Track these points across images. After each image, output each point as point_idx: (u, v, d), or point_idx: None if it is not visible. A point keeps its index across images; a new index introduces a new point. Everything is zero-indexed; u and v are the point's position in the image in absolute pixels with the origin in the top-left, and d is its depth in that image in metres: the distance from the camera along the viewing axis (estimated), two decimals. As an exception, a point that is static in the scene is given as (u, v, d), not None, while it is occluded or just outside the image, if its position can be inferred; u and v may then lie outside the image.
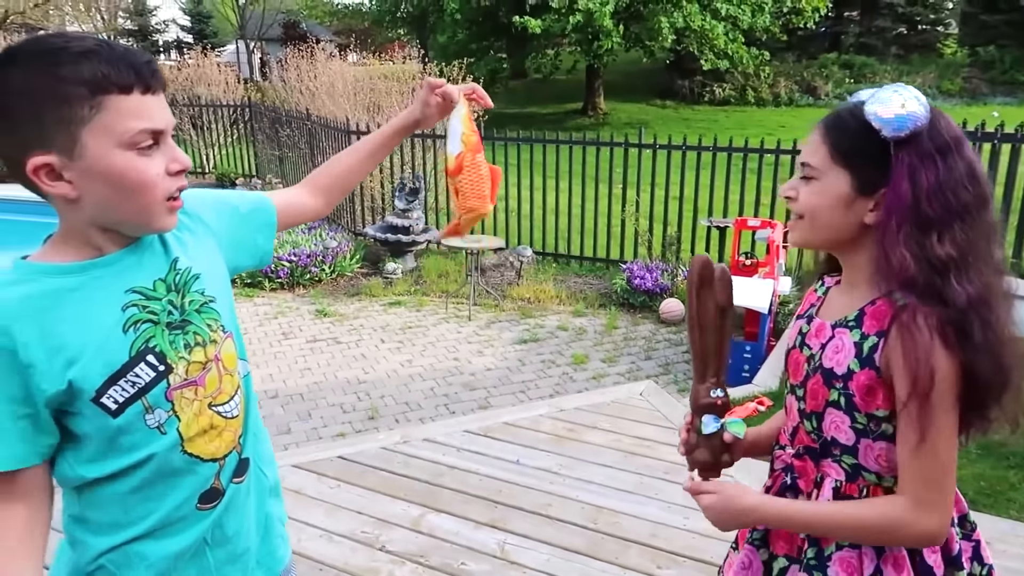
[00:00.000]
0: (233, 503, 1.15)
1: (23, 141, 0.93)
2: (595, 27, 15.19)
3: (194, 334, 1.08)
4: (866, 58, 22.48)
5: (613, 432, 3.44)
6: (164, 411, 1.04)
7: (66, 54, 0.92)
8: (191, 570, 1.12)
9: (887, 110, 1.07)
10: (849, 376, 1.13)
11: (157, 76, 0.98)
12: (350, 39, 21.83)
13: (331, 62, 10.36)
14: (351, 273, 6.93)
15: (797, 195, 1.18)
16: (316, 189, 1.39)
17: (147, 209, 0.99)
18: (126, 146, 0.95)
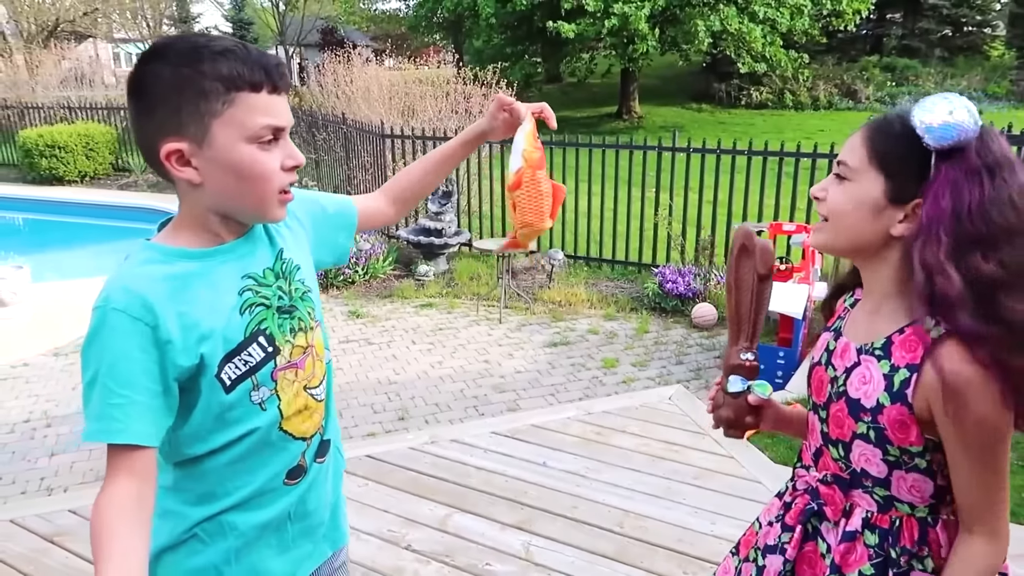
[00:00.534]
0: (316, 481, 1.24)
1: (160, 127, 1.03)
2: (631, 31, 15.11)
3: (298, 319, 1.19)
4: (909, 60, 22.03)
5: (641, 436, 3.42)
6: (268, 389, 1.13)
7: (207, 52, 1.01)
8: (272, 539, 1.20)
9: (933, 117, 1.02)
10: (879, 410, 1.08)
11: (284, 78, 1.07)
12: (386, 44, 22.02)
13: (367, 67, 10.49)
14: (384, 275, 6.99)
15: (826, 195, 1.14)
16: (391, 196, 1.47)
17: (262, 199, 1.08)
18: (250, 139, 1.04)
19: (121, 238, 10.19)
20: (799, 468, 1.27)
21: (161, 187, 12.07)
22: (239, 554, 1.17)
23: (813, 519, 1.21)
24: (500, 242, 6.50)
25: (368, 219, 1.44)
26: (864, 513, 1.14)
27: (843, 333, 1.20)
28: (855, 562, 1.14)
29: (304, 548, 1.27)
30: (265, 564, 1.20)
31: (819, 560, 1.19)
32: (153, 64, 1.03)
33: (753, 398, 1.26)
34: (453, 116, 8.86)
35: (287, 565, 1.24)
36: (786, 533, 1.23)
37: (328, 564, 1.34)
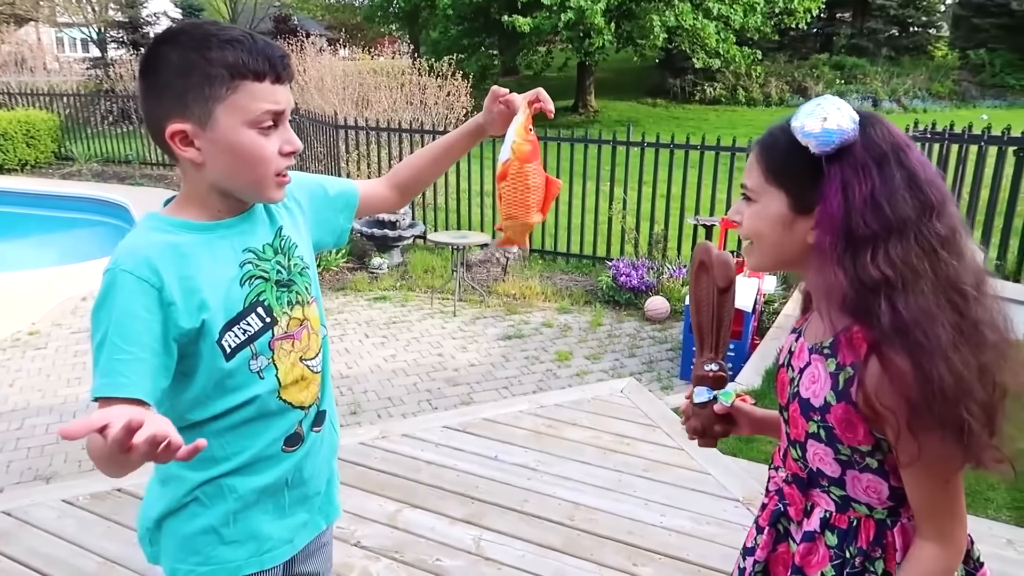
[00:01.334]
0: (312, 450, 1.30)
1: (167, 108, 1.09)
2: (587, 25, 15.16)
3: (296, 293, 1.25)
4: (857, 59, 22.55)
5: (593, 429, 3.43)
6: (266, 358, 1.19)
7: (216, 40, 1.07)
8: (269, 504, 1.26)
9: (810, 125, 1.02)
10: (826, 409, 1.07)
11: (288, 69, 1.13)
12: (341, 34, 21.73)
13: (321, 56, 10.32)
14: (337, 267, 6.89)
15: (742, 219, 1.14)
16: (394, 183, 1.50)
17: (260, 180, 1.14)
18: (251, 124, 1.09)
19: (64, 229, 9.88)
20: (771, 470, 1.28)
21: (105, 177, 11.73)
22: (237, 517, 1.22)
23: (782, 520, 1.21)
24: (462, 235, 6.46)
25: (370, 203, 1.48)
26: (823, 513, 1.14)
27: (803, 334, 1.20)
28: (817, 564, 1.14)
29: (300, 516, 1.31)
30: (262, 528, 1.26)
31: (789, 558, 1.19)
32: (164, 47, 1.09)
33: (718, 407, 1.28)
34: (408, 107, 8.78)
35: (284, 531, 1.29)
36: (759, 534, 1.24)
37: (317, 540, 1.40)
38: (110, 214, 9.64)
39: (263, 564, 1.27)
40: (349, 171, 7.80)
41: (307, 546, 1.36)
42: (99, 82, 17.34)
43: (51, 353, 5.04)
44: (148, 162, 12.21)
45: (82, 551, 2.58)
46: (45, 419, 4.11)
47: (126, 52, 19.68)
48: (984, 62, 22.13)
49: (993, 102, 20.60)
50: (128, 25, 20.90)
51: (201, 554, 1.22)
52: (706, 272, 1.30)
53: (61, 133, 12.91)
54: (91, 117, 13.35)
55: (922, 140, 5.99)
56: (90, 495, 2.89)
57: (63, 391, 4.45)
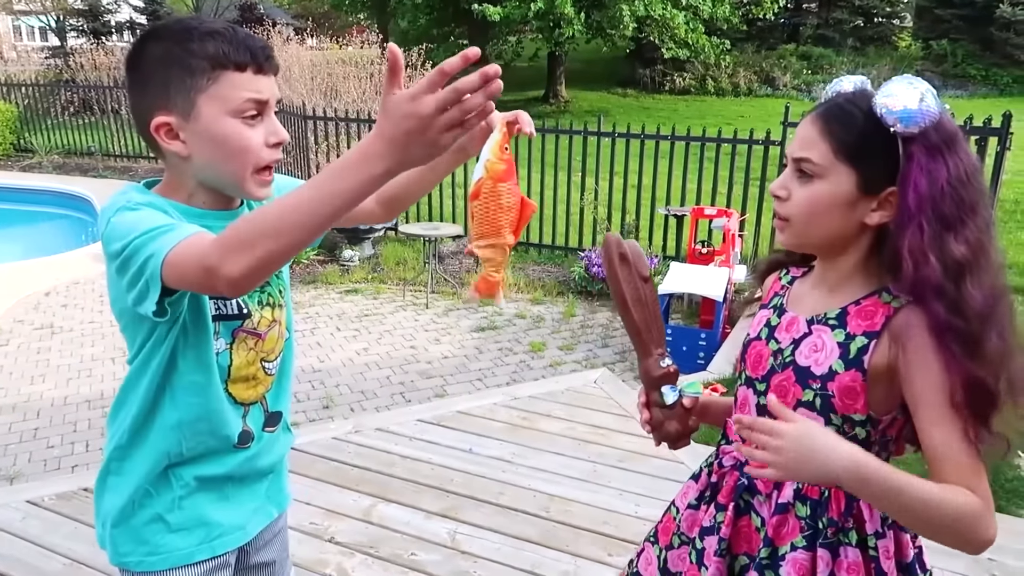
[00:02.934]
0: (263, 449, 1.31)
1: (151, 101, 1.10)
2: (556, 15, 15.14)
3: (268, 295, 1.27)
4: (824, 50, 22.80)
5: (567, 420, 3.44)
6: (225, 342, 1.20)
7: (197, 33, 1.08)
8: (213, 491, 1.26)
9: (902, 103, 1.00)
10: (830, 377, 1.08)
11: (270, 60, 1.13)
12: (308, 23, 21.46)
13: (288, 46, 10.17)
14: (307, 260, 6.81)
15: (790, 195, 1.10)
16: (381, 198, 1.46)
17: (243, 171, 1.13)
18: (234, 114, 1.09)
19: (25, 223, 9.64)
20: (723, 445, 1.27)
21: (67, 169, 11.47)
22: (182, 503, 1.23)
23: (744, 494, 1.20)
24: (434, 226, 6.42)
25: (354, 214, 1.42)
26: (795, 484, 1.14)
27: (787, 308, 1.19)
28: (787, 534, 1.14)
29: (247, 503, 1.32)
30: (210, 514, 1.26)
31: (754, 534, 1.19)
32: (148, 42, 1.11)
33: (688, 399, 1.24)
34: (377, 98, 8.69)
35: (234, 517, 1.29)
36: (720, 512, 1.22)
37: (271, 528, 1.40)
38: (73, 207, 9.43)
39: (215, 550, 1.26)
40: (319, 163, 7.71)
41: (261, 534, 1.37)
42: (59, 72, 16.92)
43: (13, 350, 4.92)
44: (111, 154, 11.95)
45: (47, 552, 2.53)
46: (8, 418, 4.01)
47: (86, 41, 19.20)
48: (946, 52, 22.50)
49: (955, 92, 20.97)
50: (88, 13, 20.40)
51: (150, 543, 1.23)
52: (628, 265, 1.24)
53: (20, 124, 12.58)
54: (51, 108, 13.04)
55: (888, 130, 6.07)
56: (56, 495, 2.83)
57: (26, 389, 4.35)
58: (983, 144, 5.63)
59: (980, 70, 22.06)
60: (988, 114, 5.92)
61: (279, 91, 1.19)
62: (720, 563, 1.21)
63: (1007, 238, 7.34)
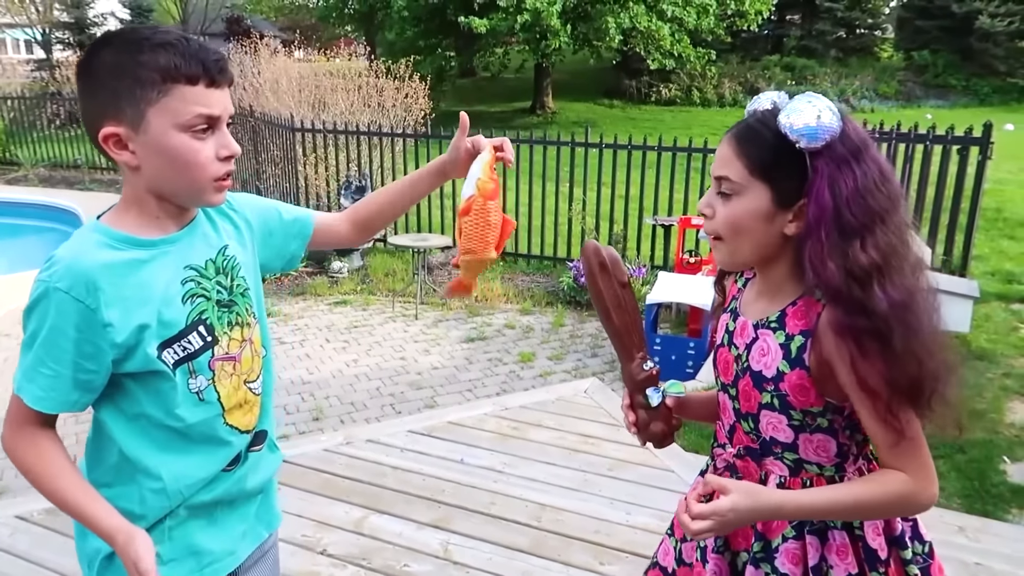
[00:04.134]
0: (251, 470, 1.30)
1: (101, 111, 1.09)
2: (543, 26, 15.22)
3: (236, 314, 1.24)
4: (807, 60, 23.05)
5: (557, 430, 3.45)
6: (205, 379, 1.19)
7: (148, 43, 1.07)
8: (203, 518, 1.25)
9: (803, 121, 1.05)
10: (780, 378, 1.14)
11: (223, 72, 1.11)
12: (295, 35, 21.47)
13: (276, 58, 10.16)
14: (296, 272, 6.81)
15: (714, 212, 1.15)
16: (352, 220, 1.48)
17: (195, 184, 1.12)
18: (183, 128, 1.08)
19: (11, 236, 9.57)
20: (716, 448, 1.32)
21: (53, 182, 11.42)
22: (172, 533, 1.22)
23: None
24: (422, 237, 6.44)
25: (324, 236, 1.45)
26: (778, 479, 1.20)
27: (740, 313, 1.25)
28: (778, 527, 1.20)
29: (237, 527, 1.31)
30: (200, 542, 1.24)
31: (748, 530, 1.23)
32: (100, 50, 1.09)
33: (671, 400, 1.29)
34: (365, 109, 8.71)
35: (224, 543, 1.28)
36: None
37: (260, 548, 1.39)
38: (59, 220, 9.37)
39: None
40: (307, 174, 7.72)
41: (250, 555, 1.35)
42: (45, 84, 16.87)
43: (0, 364, 4.89)
44: (98, 166, 11.91)
45: (37, 568, 2.51)
46: (-5, 433, 3.98)
47: (72, 54, 19.16)
48: (927, 63, 22.81)
49: (936, 102, 21.25)
50: (74, 26, 20.36)
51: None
52: (607, 272, 1.27)
53: (6, 137, 12.54)
54: (37, 120, 12.99)
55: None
56: (44, 510, 2.81)
57: (13, 404, 4.32)
58: (965, 153, 5.71)
59: (961, 80, 22.37)
60: (969, 124, 6.02)
61: (267, 104, 1.21)
62: (719, 559, 1.27)
63: (989, 246, 7.43)
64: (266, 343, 1.33)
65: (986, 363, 4.56)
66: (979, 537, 2.70)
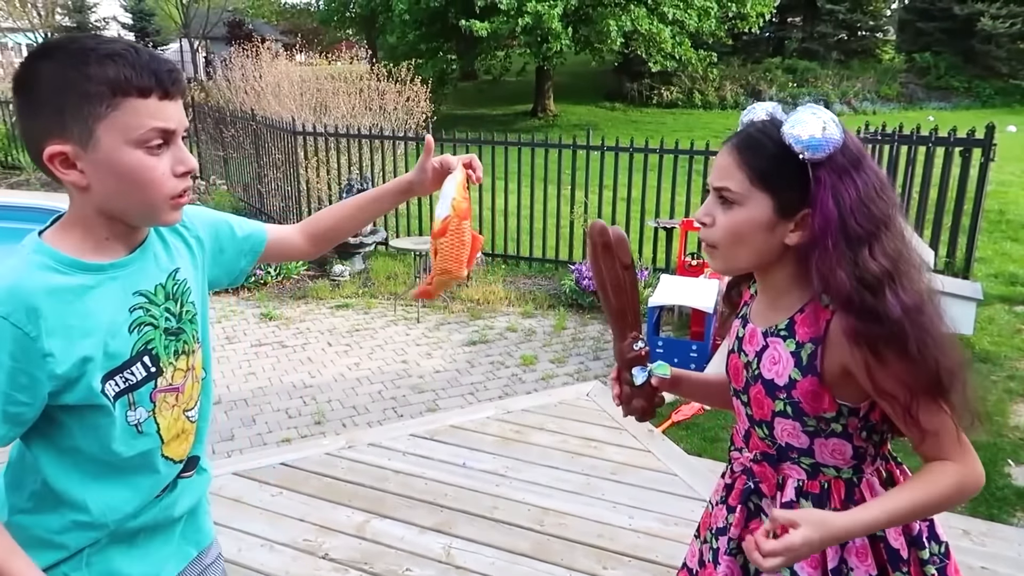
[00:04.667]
0: (180, 496, 1.24)
1: (44, 128, 1.00)
2: (544, 29, 15.23)
3: (183, 342, 1.18)
4: (808, 62, 23.04)
5: (560, 433, 3.44)
6: (145, 411, 1.12)
7: (95, 55, 0.99)
8: (123, 542, 1.18)
9: (808, 132, 1.06)
10: (792, 386, 1.14)
11: (177, 84, 1.04)
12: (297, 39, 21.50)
13: (277, 61, 10.17)
14: (297, 275, 6.81)
15: (714, 221, 1.16)
16: (307, 232, 1.45)
17: (150, 204, 1.06)
18: (135, 144, 1.01)
19: (12, 240, 9.55)
20: (733, 451, 1.33)
21: (55, 186, 11.36)
22: (91, 559, 1.15)
23: (753, 497, 1.27)
24: (424, 240, 6.43)
25: (278, 250, 1.42)
26: (796, 483, 1.21)
27: (750, 319, 1.25)
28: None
29: (160, 551, 1.24)
30: (118, 567, 1.18)
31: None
32: (40, 63, 1.01)
33: (656, 380, 1.32)
34: (367, 113, 8.71)
35: (146, 567, 1.22)
36: (730, 514, 1.29)
37: (197, 563, 1.33)
38: (61, 224, 9.39)
39: None
40: (308, 178, 7.72)
41: (184, 571, 1.29)
42: (46, 89, 16.88)
43: None
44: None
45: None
46: (-4, 437, 3.98)
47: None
48: (929, 65, 22.79)
49: (938, 104, 21.23)
50: (75, 30, 20.40)
51: None
52: (610, 252, 1.29)
53: (7, 142, 12.54)
54: (39, 125, 13.00)
55: (873, 142, 6.14)
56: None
57: (15, 408, 4.31)
58: (967, 155, 5.70)
59: (963, 82, 22.35)
60: (972, 125, 6.01)
61: (269, 107, 1.18)
62: (731, 561, 1.27)
63: (992, 248, 7.41)
64: (207, 365, 1.27)
65: (990, 366, 4.54)
66: (984, 541, 2.68)
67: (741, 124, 1.19)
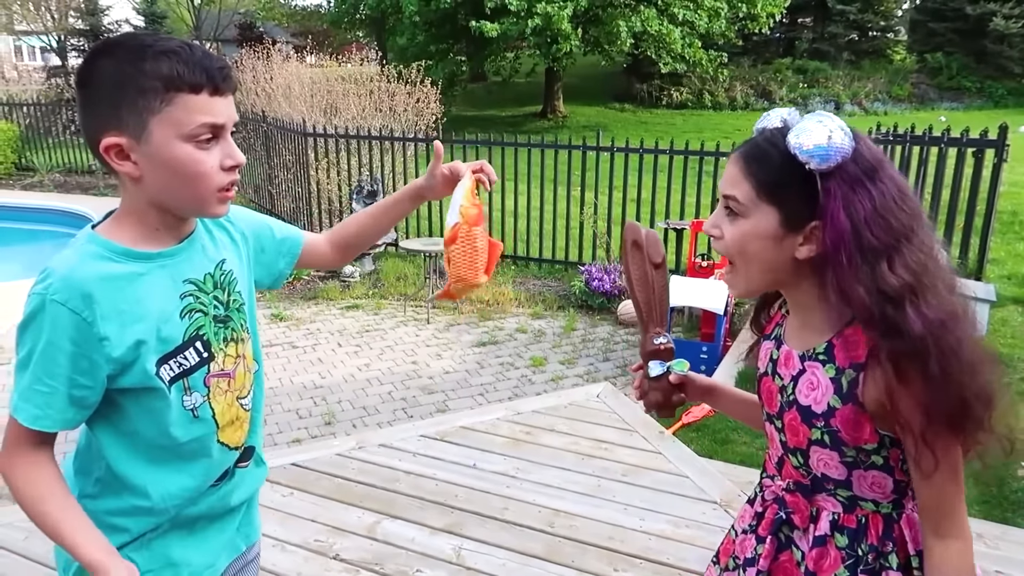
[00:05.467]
0: (237, 486, 1.29)
1: (102, 121, 1.06)
2: (553, 30, 15.23)
3: (232, 330, 1.23)
4: (819, 63, 22.94)
5: (570, 435, 3.44)
6: (200, 395, 1.17)
7: (151, 51, 1.04)
8: (183, 529, 1.24)
9: (812, 141, 1.01)
10: (831, 413, 1.08)
11: (228, 80, 1.09)
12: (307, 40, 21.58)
13: (288, 64, 10.22)
14: (307, 276, 6.83)
15: (722, 233, 1.12)
16: (333, 242, 1.50)
17: (199, 197, 1.10)
18: (187, 138, 1.05)
19: (27, 241, 9.66)
20: (765, 478, 1.27)
21: (68, 187, 11.51)
22: (150, 543, 1.20)
23: (784, 528, 1.20)
24: (434, 242, 6.45)
25: (309, 256, 1.47)
26: (831, 516, 1.14)
27: (784, 341, 1.19)
28: (830, 567, 1.14)
29: (216, 540, 1.29)
30: (176, 553, 1.22)
31: (795, 569, 1.19)
32: (100, 59, 1.06)
33: (674, 376, 1.31)
34: (377, 114, 8.73)
35: (203, 555, 1.26)
36: (760, 545, 1.23)
37: (241, 558, 1.37)
38: (74, 225, 9.42)
39: None
40: (319, 179, 7.74)
41: (229, 567, 1.33)
42: (60, 91, 17.02)
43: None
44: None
45: (52, 572, 2.52)
46: (10, 437, 4.01)
47: (87, 60, 19.35)
48: (941, 65, 22.65)
49: (950, 104, 21.11)
50: (89, 33, 20.56)
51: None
52: (640, 250, 1.33)
53: (21, 143, 12.65)
54: (52, 127, 13.12)
55: (885, 143, 6.11)
56: (60, 514, 2.82)
57: (28, 408, 4.34)
58: (980, 156, 5.67)
59: (975, 82, 22.21)
60: (984, 126, 5.97)
61: (280, 109, 1.20)
62: None
63: (1005, 249, 7.36)
64: (258, 357, 1.31)
65: (1003, 368, 4.50)
66: (998, 544, 2.66)
67: (755, 131, 1.14)
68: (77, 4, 21.31)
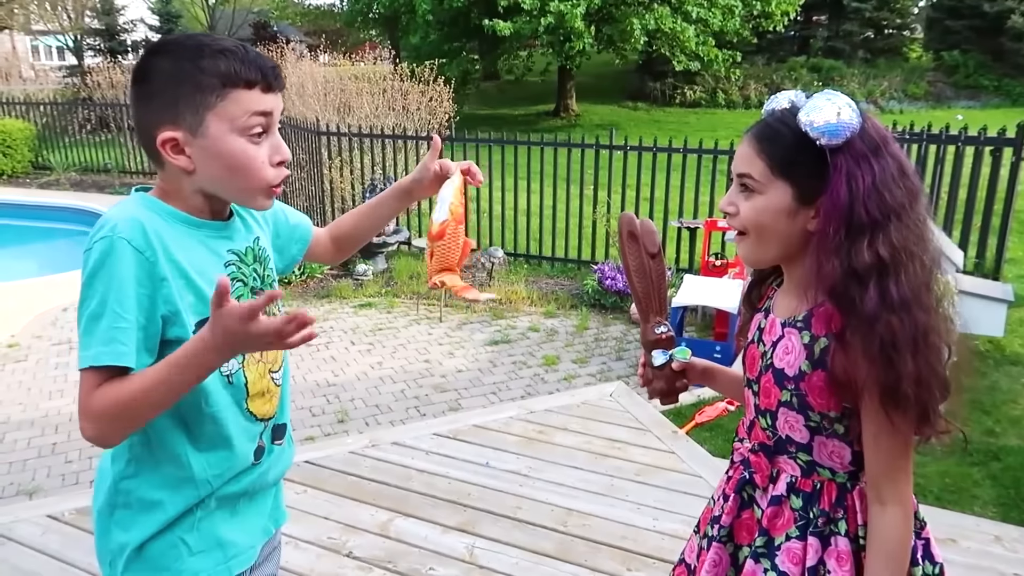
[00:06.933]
0: (274, 462, 1.32)
1: (158, 116, 1.11)
2: (567, 29, 15.19)
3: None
4: (834, 61, 22.76)
5: (583, 434, 3.43)
6: (236, 362, 1.20)
7: (208, 50, 1.10)
8: (227, 510, 1.26)
9: (823, 118, 1.07)
10: (801, 377, 1.14)
11: (279, 79, 1.16)
12: (321, 40, 21.64)
13: (301, 63, 10.26)
14: (321, 275, 6.86)
15: (737, 209, 1.17)
16: (332, 236, 1.54)
17: (249, 187, 1.16)
18: (240, 132, 1.12)
19: (43, 239, 9.75)
20: (736, 442, 1.34)
21: (84, 186, 11.60)
22: (200, 524, 1.22)
23: (747, 488, 1.27)
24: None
25: (315, 248, 1.51)
26: (789, 478, 1.21)
27: (772, 311, 1.26)
28: (783, 526, 1.21)
29: (256, 521, 1.33)
30: (224, 534, 1.25)
31: (756, 525, 1.25)
32: (156, 57, 1.13)
33: (677, 364, 1.35)
34: (390, 113, 8.75)
35: (246, 537, 1.29)
36: (724, 502, 1.30)
37: (271, 542, 1.40)
38: (89, 224, 9.33)
39: (231, 571, 1.26)
40: (332, 178, 7.76)
41: (262, 550, 1.36)
42: (76, 90, 17.17)
43: (31, 366, 4.96)
44: (128, 171, 12.09)
45: (68, 567, 2.54)
46: (27, 433, 4.04)
47: (103, 60, 19.46)
48: (958, 63, 22.42)
49: (967, 103, 20.88)
50: (105, 32, 20.68)
51: (170, 570, 1.21)
52: (636, 241, 1.35)
53: (38, 142, 12.75)
54: (68, 126, 13.22)
55: (901, 141, 6.06)
56: (75, 510, 2.85)
57: (44, 404, 4.39)
58: (998, 155, 5.61)
59: (992, 80, 21.96)
60: (1002, 124, 5.91)
61: (293, 108, 1.23)
62: (720, 548, 1.28)
63: (1023, 249, 7.28)
64: None
65: (1021, 368, 4.46)
66: (1016, 547, 2.63)
67: (764, 113, 1.19)
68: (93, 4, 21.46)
